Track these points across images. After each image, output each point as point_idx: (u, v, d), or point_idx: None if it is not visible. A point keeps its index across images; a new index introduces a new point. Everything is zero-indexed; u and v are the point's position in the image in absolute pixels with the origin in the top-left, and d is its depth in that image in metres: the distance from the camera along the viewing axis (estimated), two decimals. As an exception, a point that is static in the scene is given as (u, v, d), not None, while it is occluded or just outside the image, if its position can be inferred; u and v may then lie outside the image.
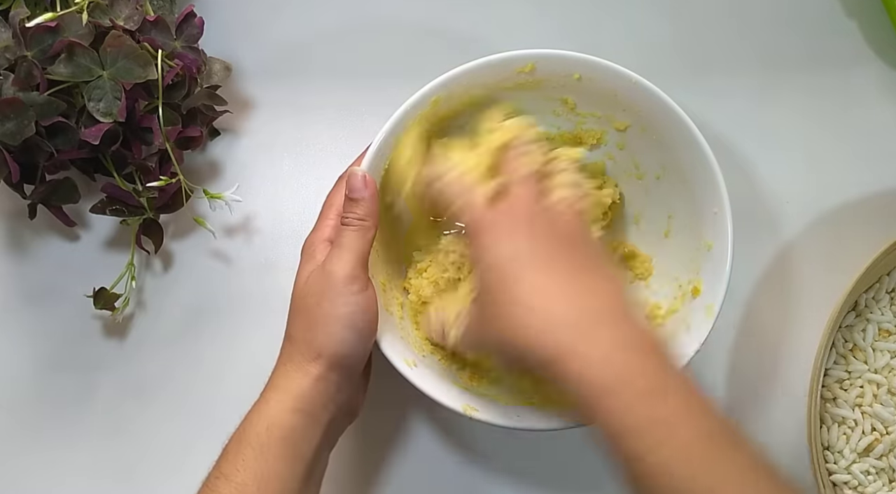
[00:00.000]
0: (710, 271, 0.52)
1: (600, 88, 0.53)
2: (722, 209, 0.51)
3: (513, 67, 0.52)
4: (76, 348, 0.60)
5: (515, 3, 0.64)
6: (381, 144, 0.51)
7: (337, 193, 0.51)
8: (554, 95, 0.55)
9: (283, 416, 0.45)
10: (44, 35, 0.51)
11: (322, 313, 0.46)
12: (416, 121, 0.52)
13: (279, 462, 0.44)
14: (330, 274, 0.46)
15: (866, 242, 0.60)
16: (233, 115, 0.62)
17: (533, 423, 0.50)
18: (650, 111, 0.52)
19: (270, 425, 0.45)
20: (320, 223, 0.50)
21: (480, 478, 0.59)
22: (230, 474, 0.43)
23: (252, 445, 0.44)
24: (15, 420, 0.59)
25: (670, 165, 0.54)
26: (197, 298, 0.61)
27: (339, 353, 0.46)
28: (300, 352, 0.46)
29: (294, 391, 0.45)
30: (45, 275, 0.61)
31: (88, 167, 0.58)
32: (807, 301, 0.61)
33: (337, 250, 0.47)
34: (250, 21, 0.64)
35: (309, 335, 0.46)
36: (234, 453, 0.44)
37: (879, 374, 0.59)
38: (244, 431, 0.45)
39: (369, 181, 0.49)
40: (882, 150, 0.63)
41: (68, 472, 0.59)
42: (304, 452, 0.45)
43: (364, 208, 0.48)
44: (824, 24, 0.64)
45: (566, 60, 0.52)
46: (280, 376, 0.47)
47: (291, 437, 0.44)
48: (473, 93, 0.53)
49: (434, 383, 0.50)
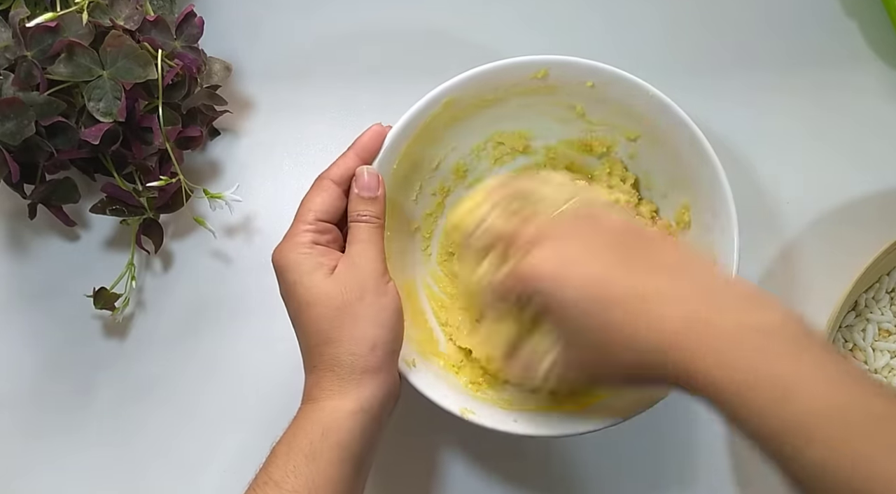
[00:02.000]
0: None
1: (613, 97, 0.53)
2: (730, 227, 0.51)
3: (526, 73, 0.52)
4: (76, 348, 0.60)
5: (513, 5, 0.64)
6: (391, 144, 0.51)
7: (316, 196, 0.48)
8: (565, 102, 0.55)
9: (340, 421, 0.44)
10: (44, 35, 0.51)
11: (367, 305, 0.46)
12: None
13: (332, 468, 0.43)
14: (364, 267, 0.47)
15: (866, 242, 0.60)
16: (233, 115, 0.62)
17: (530, 429, 0.49)
18: (663, 124, 0.52)
19: (327, 430, 0.43)
20: (298, 229, 0.47)
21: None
22: (280, 480, 0.42)
23: (305, 452, 0.43)
24: (15, 420, 0.59)
25: (679, 179, 0.54)
26: (197, 298, 0.61)
27: (391, 338, 0.46)
28: (350, 351, 0.45)
29: (352, 393, 0.44)
30: (45, 275, 0.61)
31: (88, 167, 0.58)
32: (807, 300, 0.61)
33: (361, 245, 0.48)
34: (250, 21, 0.64)
35: (358, 331, 0.45)
36: (284, 458, 0.43)
37: (879, 374, 0.59)
38: (295, 437, 0.44)
39: (382, 181, 0.49)
40: (882, 150, 0.63)
41: (68, 472, 0.59)
42: (359, 452, 0.44)
43: (378, 207, 0.49)
44: (824, 24, 0.64)
45: (580, 68, 0.52)
46: (330, 381, 0.45)
47: (348, 440, 0.44)
48: (485, 96, 0.53)
49: (432, 384, 0.50)
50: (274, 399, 0.57)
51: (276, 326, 0.48)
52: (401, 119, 0.51)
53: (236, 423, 0.59)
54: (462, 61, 0.52)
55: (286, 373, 0.49)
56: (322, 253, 0.47)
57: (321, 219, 0.48)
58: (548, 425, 0.50)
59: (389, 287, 0.47)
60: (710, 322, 0.38)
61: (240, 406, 0.59)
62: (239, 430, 0.59)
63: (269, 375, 0.59)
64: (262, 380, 0.59)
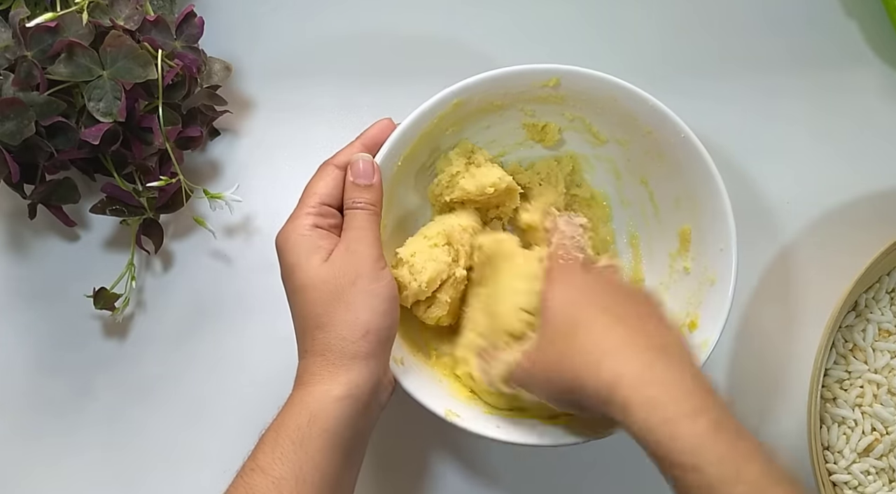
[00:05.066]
0: (711, 306, 0.52)
1: (622, 110, 0.53)
2: (728, 246, 0.51)
3: (538, 80, 0.52)
4: (76, 348, 0.60)
5: (511, 11, 0.64)
6: (397, 140, 0.51)
7: (319, 180, 0.49)
8: (574, 113, 0.55)
9: (328, 406, 0.44)
10: (44, 35, 0.51)
11: (360, 291, 0.46)
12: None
13: (319, 455, 0.43)
14: (358, 253, 0.47)
15: (866, 242, 0.60)
16: (233, 115, 0.62)
17: (513, 436, 0.49)
18: (669, 140, 0.52)
19: (314, 416, 0.44)
20: (301, 211, 0.48)
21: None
22: (267, 467, 0.42)
23: (292, 438, 0.43)
24: (15, 420, 0.59)
25: (683, 197, 0.54)
26: (197, 298, 0.61)
27: (384, 326, 0.46)
28: (340, 336, 0.45)
29: (341, 378, 0.44)
30: (44, 275, 0.61)
31: (88, 167, 0.58)
32: (807, 301, 0.61)
33: (357, 232, 0.47)
34: (250, 21, 0.64)
35: (350, 316, 0.45)
36: (271, 445, 0.43)
37: (879, 374, 0.59)
38: (283, 423, 0.44)
39: (377, 168, 0.49)
40: (882, 150, 0.63)
41: (68, 472, 0.59)
42: (347, 439, 0.44)
43: (373, 194, 0.49)
44: (824, 24, 0.64)
45: (592, 79, 0.52)
46: (320, 366, 0.45)
47: (335, 427, 0.44)
48: (494, 100, 0.53)
49: (419, 384, 0.50)
50: (274, 399, 0.57)
51: (277, 326, 0.48)
52: (409, 116, 0.51)
53: (236, 423, 0.59)
54: (461, 64, 0.52)
55: (286, 373, 0.49)
56: (322, 236, 0.47)
57: (324, 202, 0.48)
58: (531, 433, 0.50)
59: (384, 273, 0.47)
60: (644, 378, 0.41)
61: (240, 405, 0.59)
62: (239, 430, 0.58)
63: (269, 375, 0.59)
64: (263, 380, 0.59)
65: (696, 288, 0.53)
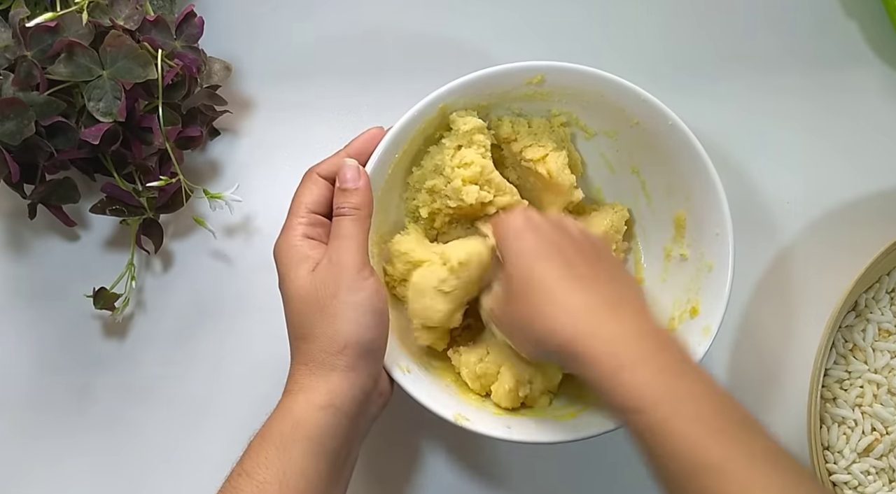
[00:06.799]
0: (710, 292, 0.52)
1: (608, 102, 0.53)
2: (724, 230, 0.51)
3: (522, 78, 0.52)
4: (76, 348, 0.60)
5: (510, 9, 0.64)
6: (386, 147, 0.51)
7: (305, 190, 0.50)
8: (561, 109, 0.55)
9: (310, 414, 0.44)
10: (44, 35, 0.51)
11: (340, 303, 0.46)
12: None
13: (303, 460, 0.43)
14: (340, 263, 0.46)
15: (866, 242, 0.60)
16: (233, 115, 0.62)
17: (524, 435, 0.49)
18: (657, 129, 0.52)
19: (296, 423, 0.44)
20: (291, 222, 0.49)
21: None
22: (252, 471, 0.43)
23: (276, 443, 0.44)
24: (15, 420, 0.59)
25: (676, 184, 0.54)
26: (197, 298, 0.61)
27: (365, 339, 0.46)
28: (322, 349, 0.45)
29: (322, 388, 0.45)
30: (45, 275, 0.61)
31: (88, 167, 0.58)
32: (807, 301, 0.61)
33: (340, 240, 0.47)
34: (250, 21, 0.64)
35: (330, 329, 0.45)
36: (256, 450, 0.44)
37: (879, 374, 0.59)
38: (269, 429, 0.45)
39: (363, 172, 0.49)
40: (882, 150, 0.63)
41: (68, 472, 0.59)
42: (332, 448, 0.45)
43: (359, 197, 0.48)
44: (824, 24, 0.64)
45: (576, 73, 0.52)
46: (303, 375, 0.46)
47: (318, 435, 0.44)
48: (479, 102, 0.53)
49: (426, 390, 0.50)
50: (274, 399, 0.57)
51: (277, 326, 0.48)
52: (395, 124, 0.51)
53: (236, 423, 0.58)
54: (460, 63, 0.52)
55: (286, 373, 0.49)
56: (311, 246, 0.48)
57: (313, 210, 0.49)
58: (542, 432, 0.50)
59: (366, 284, 0.46)
60: (599, 334, 0.44)
61: (240, 405, 0.59)
62: (238, 430, 0.58)
63: (269, 375, 0.59)
64: (262, 380, 0.59)
65: (695, 274, 0.53)
